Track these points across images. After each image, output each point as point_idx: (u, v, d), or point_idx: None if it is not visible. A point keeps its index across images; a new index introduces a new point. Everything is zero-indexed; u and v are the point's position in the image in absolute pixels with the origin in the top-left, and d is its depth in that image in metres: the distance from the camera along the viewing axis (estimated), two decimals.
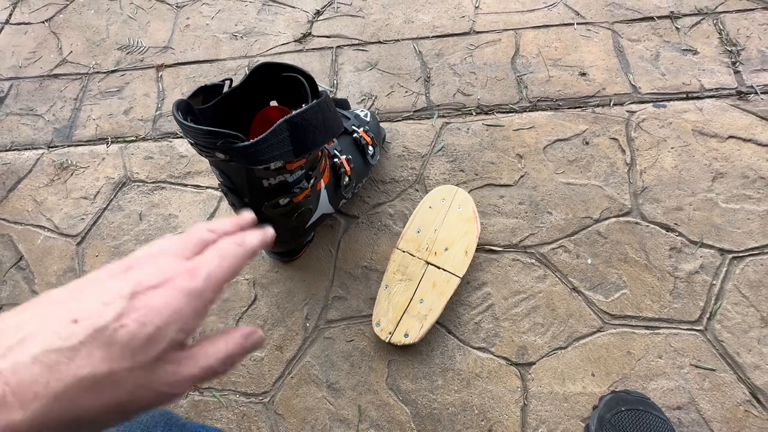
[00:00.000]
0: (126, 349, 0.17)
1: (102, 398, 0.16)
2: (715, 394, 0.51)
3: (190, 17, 0.90)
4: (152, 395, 0.18)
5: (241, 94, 0.46)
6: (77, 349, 0.16)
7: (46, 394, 0.15)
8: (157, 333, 0.18)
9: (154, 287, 0.18)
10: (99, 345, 0.16)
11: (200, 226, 0.23)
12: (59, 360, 0.15)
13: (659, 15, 0.77)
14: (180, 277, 0.19)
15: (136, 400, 0.17)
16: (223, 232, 0.23)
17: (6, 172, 0.77)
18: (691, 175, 0.63)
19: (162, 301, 0.18)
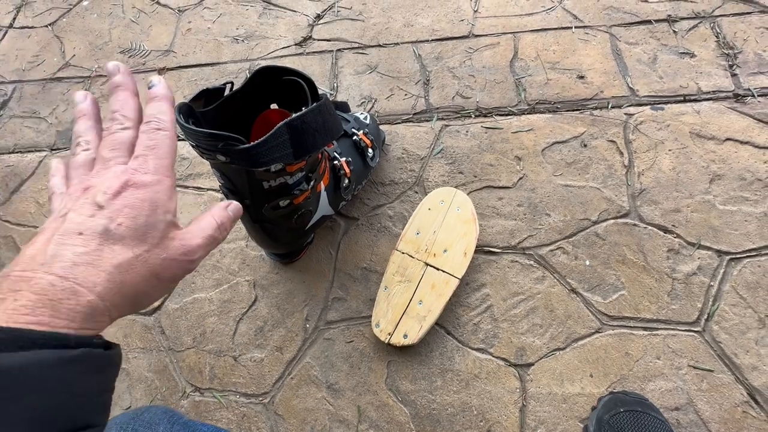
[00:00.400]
0: (134, 238, 0.21)
1: (140, 273, 0.22)
2: (713, 395, 0.52)
3: (192, 21, 0.91)
4: (176, 264, 0.23)
5: (242, 97, 0.47)
6: (100, 248, 0.20)
7: (101, 281, 0.20)
8: (148, 219, 0.22)
9: (119, 192, 0.22)
10: (112, 242, 0.21)
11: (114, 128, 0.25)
12: (92, 259, 0.20)
13: (656, 18, 0.77)
14: (135, 175, 0.23)
15: (167, 269, 0.23)
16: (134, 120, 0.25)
17: (9, 174, 0.78)
18: (688, 177, 0.64)
19: (135, 198, 0.22)
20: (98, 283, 0.20)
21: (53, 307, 0.18)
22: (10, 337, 0.16)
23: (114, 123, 0.25)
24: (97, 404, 0.19)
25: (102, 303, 0.20)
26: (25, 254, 0.20)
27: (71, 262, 0.19)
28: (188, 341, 0.61)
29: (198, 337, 0.61)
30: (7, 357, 0.16)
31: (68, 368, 0.17)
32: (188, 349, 0.61)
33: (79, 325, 0.19)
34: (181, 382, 0.59)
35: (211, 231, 0.25)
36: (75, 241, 0.20)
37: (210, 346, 0.60)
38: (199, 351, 0.60)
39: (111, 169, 0.23)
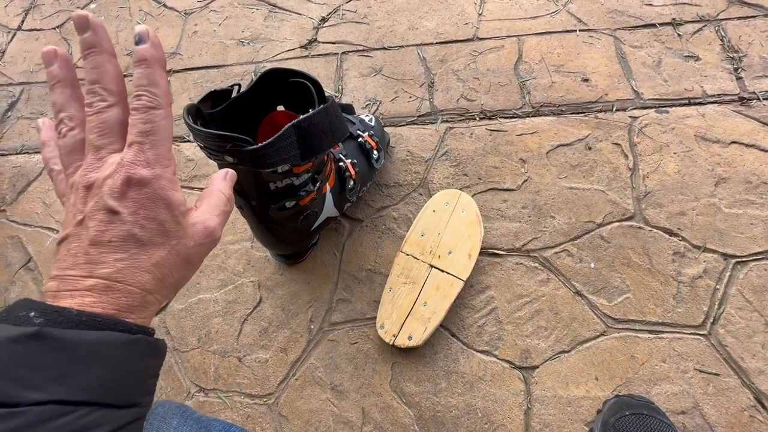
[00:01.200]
0: (161, 235, 0.22)
1: (176, 264, 0.23)
2: (720, 399, 0.51)
3: (198, 24, 0.92)
4: (203, 247, 0.24)
5: (249, 99, 0.47)
6: (136, 252, 0.22)
7: (147, 280, 0.22)
8: (166, 216, 0.22)
9: (123, 193, 0.22)
10: (143, 244, 0.22)
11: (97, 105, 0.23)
12: (133, 263, 0.21)
13: (661, 22, 0.77)
14: (134, 170, 0.22)
15: (197, 253, 0.24)
16: (118, 93, 0.23)
17: (16, 174, 0.79)
18: (693, 180, 0.64)
19: (144, 197, 0.22)
20: (145, 281, 0.22)
21: (114, 303, 0.21)
22: (89, 320, 0.19)
23: (95, 98, 0.22)
24: (146, 386, 0.21)
25: (152, 297, 0.22)
26: (68, 259, 0.21)
27: (115, 268, 0.21)
28: (193, 342, 0.61)
29: (203, 337, 0.61)
30: (86, 334, 0.19)
31: (129, 349, 0.20)
32: (193, 350, 0.61)
33: (137, 316, 0.21)
34: (186, 383, 0.59)
35: (224, 206, 0.26)
36: (108, 250, 0.21)
37: (215, 347, 0.61)
38: (204, 351, 0.61)
39: (106, 160, 0.22)
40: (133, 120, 0.22)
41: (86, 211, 0.22)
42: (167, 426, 0.34)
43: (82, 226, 0.22)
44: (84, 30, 0.22)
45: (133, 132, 0.22)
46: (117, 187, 0.21)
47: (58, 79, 0.24)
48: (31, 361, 0.18)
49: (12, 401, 0.17)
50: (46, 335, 0.18)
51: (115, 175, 0.21)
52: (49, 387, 0.17)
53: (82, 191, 0.22)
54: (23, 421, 0.16)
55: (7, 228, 0.74)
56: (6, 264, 0.71)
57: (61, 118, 0.24)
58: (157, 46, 0.23)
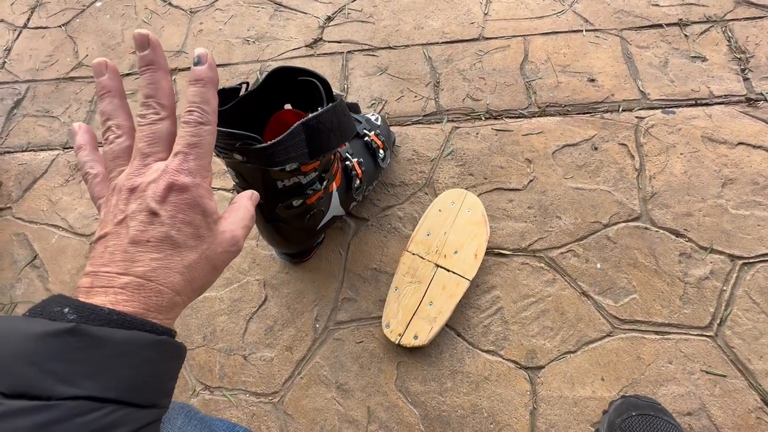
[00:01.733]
0: (194, 239, 0.24)
1: (204, 268, 0.24)
2: (726, 401, 0.51)
3: (204, 22, 0.92)
4: (229, 254, 0.26)
5: (257, 98, 0.47)
6: (170, 253, 0.23)
7: (177, 281, 0.23)
8: (201, 222, 0.24)
9: (165, 197, 0.23)
10: (177, 246, 0.23)
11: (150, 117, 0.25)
12: (167, 264, 0.23)
13: (668, 22, 0.77)
14: (177, 177, 0.23)
15: (222, 260, 0.25)
16: (170, 108, 0.25)
17: (22, 172, 0.79)
18: (700, 181, 0.63)
19: (183, 203, 0.23)
20: (176, 282, 0.23)
21: (144, 302, 0.21)
22: (119, 319, 0.20)
23: (149, 110, 0.24)
24: (166, 388, 0.22)
25: (179, 298, 0.23)
26: (104, 256, 0.22)
27: (150, 267, 0.22)
28: (198, 340, 0.61)
29: (208, 335, 0.62)
30: (116, 332, 0.19)
31: (154, 350, 0.21)
32: (198, 348, 0.61)
33: (163, 316, 0.22)
34: (191, 381, 0.59)
35: (248, 221, 0.28)
36: (146, 249, 0.22)
37: (220, 345, 0.61)
38: (210, 349, 0.61)
39: (151, 167, 0.24)
40: (182, 132, 0.24)
41: (128, 212, 0.23)
42: (171, 426, 0.34)
43: (123, 225, 0.23)
44: (144, 48, 0.24)
45: (181, 143, 0.24)
46: (160, 192, 0.23)
47: (108, 89, 0.25)
48: (66, 356, 0.18)
49: (45, 394, 0.17)
50: (82, 331, 0.18)
51: (159, 180, 0.23)
52: (80, 382, 0.18)
53: (125, 193, 0.23)
54: (54, 415, 0.17)
55: (13, 225, 0.74)
56: (12, 261, 0.71)
57: (109, 126, 0.25)
58: (213, 69, 0.25)
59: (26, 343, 0.18)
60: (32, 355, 0.18)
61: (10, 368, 0.17)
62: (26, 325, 0.18)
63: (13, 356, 0.18)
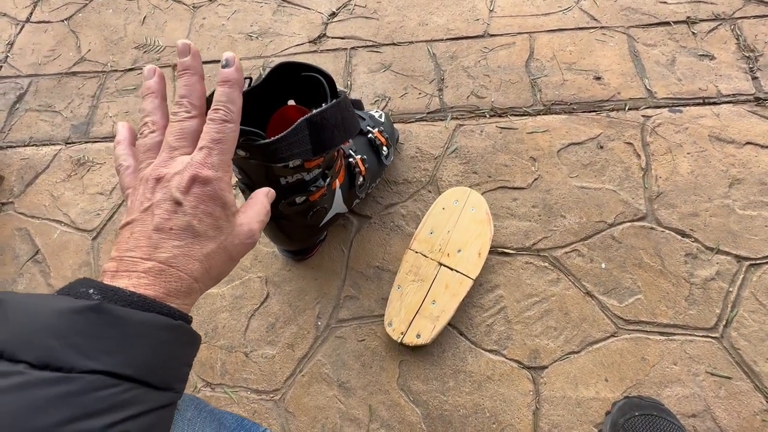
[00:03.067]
0: (214, 229, 0.25)
1: (222, 258, 0.26)
2: (732, 403, 0.51)
3: (207, 17, 0.91)
4: (245, 246, 0.27)
5: (260, 93, 0.47)
6: (191, 242, 0.24)
7: (196, 268, 0.24)
8: (221, 214, 0.26)
9: (189, 188, 0.25)
10: (198, 235, 0.25)
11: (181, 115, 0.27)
12: (188, 251, 0.24)
13: (675, 20, 0.76)
14: (201, 170, 0.25)
15: (239, 251, 0.27)
16: (201, 108, 0.27)
17: (24, 167, 0.79)
18: (707, 180, 0.63)
19: (205, 194, 0.25)
20: (195, 269, 0.24)
21: (164, 286, 0.23)
22: (138, 300, 0.21)
23: (181, 109, 0.26)
24: (181, 373, 0.23)
25: (197, 285, 0.25)
26: (130, 242, 0.24)
27: (172, 254, 0.23)
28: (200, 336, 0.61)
29: (210, 332, 0.61)
30: (135, 313, 0.20)
31: (171, 333, 0.22)
32: (200, 344, 0.61)
33: (181, 301, 0.23)
34: (193, 377, 0.59)
35: (264, 216, 0.29)
36: (169, 236, 0.24)
37: (221, 342, 0.61)
38: (211, 346, 0.60)
39: (177, 159, 0.25)
40: (207, 128, 0.26)
41: (154, 200, 0.24)
42: (182, 417, 0.34)
43: (148, 213, 0.24)
44: (185, 55, 0.27)
45: (206, 138, 0.25)
46: (184, 182, 0.24)
47: (152, 90, 0.28)
48: (88, 331, 0.19)
49: (68, 366, 0.18)
50: (104, 310, 0.20)
51: (184, 172, 0.25)
52: (100, 358, 0.19)
53: (152, 182, 0.25)
54: (75, 387, 0.18)
55: (15, 220, 0.74)
56: (14, 256, 0.71)
57: (146, 121, 0.28)
58: (239, 71, 0.27)
59: (52, 318, 0.19)
60: (57, 329, 0.19)
61: (37, 341, 0.18)
62: (53, 302, 0.20)
63: (40, 330, 0.19)
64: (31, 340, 0.18)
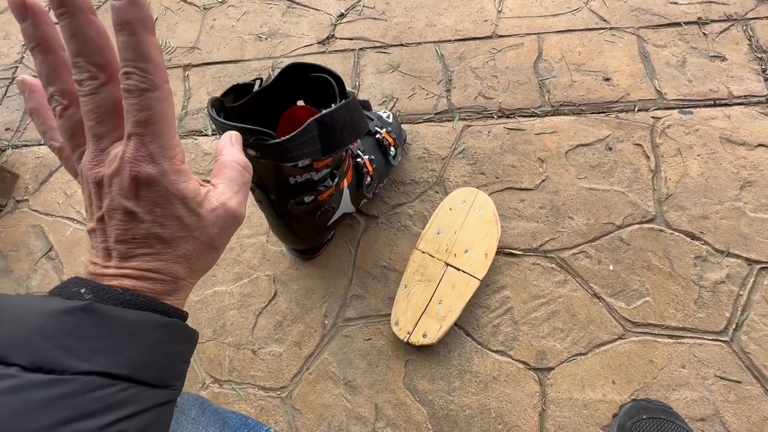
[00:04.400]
0: (182, 229, 0.22)
1: (202, 251, 0.23)
2: (741, 407, 0.50)
3: (217, 19, 0.93)
4: (227, 230, 0.24)
5: (270, 94, 0.48)
6: (161, 247, 0.22)
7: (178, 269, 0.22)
8: (182, 211, 0.22)
9: (135, 193, 0.21)
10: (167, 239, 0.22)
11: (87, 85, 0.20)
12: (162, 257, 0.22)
13: (686, 21, 0.76)
14: (138, 169, 0.20)
15: (221, 237, 0.24)
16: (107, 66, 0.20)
17: (39, 165, 0.80)
18: (717, 183, 0.62)
19: (156, 196, 0.21)
20: (176, 271, 0.22)
21: (151, 287, 0.21)
22: (132, 299, 0.20)
23: (83, 74, 0.19)
24: (178, 370, 0.22)
25: (184, 282, 0.23)
26: (100, 251, 0.22)
27: (145, 261, 0.21)
28: (208, 333, 0.62)
29: (218, 329, 0.62)
30: (128, 312, 0.19)
31: (165, 331, 0.21)
32: (208, 341, 0.61)
33: (174, 298, 0.22)
34: (201, 374, 0.60)
35: (241, 178, 0.24)
36: (136, 245, 0.21)
37: (230, 339, 0.61)
38: (219, 343, 0.61)
39: (109, 152, 0.21)
40: (127, 106, 0.19)
41: (104, 209, 0.21)
42: (185, 417, 0.35)
43: (104, 223, 0.21)
44: None
45: (130, 121, 0.19)
46: (126, 187, 0.20)
47: (36, 41, 0.20)
48: (80, 332, 0.18)
49: (60, 368, 0.17)
50: (95, 310, 0.19)
51: (122, 172, 0.20)
52: (93, 359, 0.18)
53: (93, 187, 0.21)
54: (69, 389, 0.17)
55: (30, 217, 0.75)
56: (28, 252, 0.72)
57: (51, 93, 0.21)
58: (139, 2, 0.18)
59: (43, 319, 0.18)
60: (48, 330, 0.18)
61: (29, 343, 0.18)
62: (44, 303, 0.19)
63: (31, 332, 0.18)
64: (22, 343, 0.18)
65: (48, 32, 0.20)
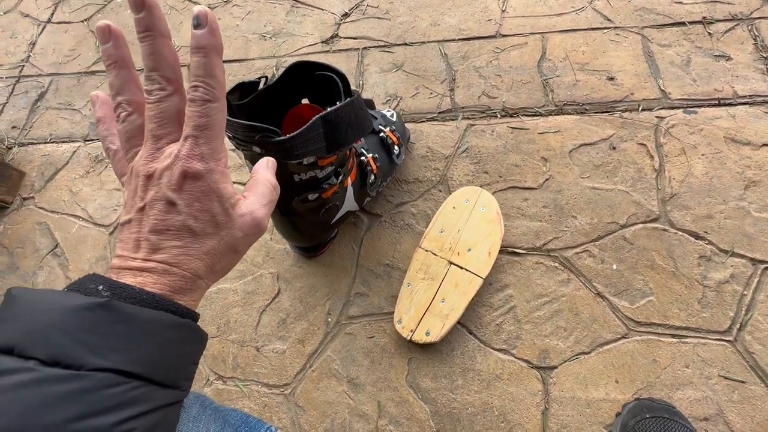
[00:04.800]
0: (212, 226, 0.24)
1: (224, 252, 0.24)
2: (745, 407, 0.50)
3: (221, 18, 0.93)
4: (250, 237, 0.26)
5: (275, 92, 0.48)
6: (189, 241, 0.23)
7: (199, 266, 0.23)
8: (217, 209, 0.24)
9: (180, 185, 0.23)
10: (197, 234, 0.23)
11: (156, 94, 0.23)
12: (187, 251, 0.23)
13: (691, 20, 0.75)
14: (190, 164, 0.23)
15: (244, 243, 0.25)
16: (176, 81, 0.24)
17: (45, 163, 0.81)
18: (722, 182, 0.62)
19: (198, 190, 0.23)
20: (197, 267, 0.23)
21: (169, 285, 0.22)
22: (147, 298, 0.21)
23: (153, 86, 0.23)
24: (187, 372, 0.22)
25: (202, 281, 0.24)
26: (129, 242, 0.23)
27: (172, 254, 0.23)
28: (212, 330, 0.62)
29: (222, 326, 0.62)
30: (144, 311, 0.20)
31: (178, 331, 0.21)
32: (212, 338, 0.62)
33: (188, 298, 0.23)
34: (205, 370, 0.60)
35: (270, 195, 0.27)
36: (166, 237, 0.23)
37: (233, 336, 0.62)
38: (223, 340, 0.62)
39: (164, 151, 0.23)
40: (189, 112, 0.23)
41: (147, 200, 0.23)
42: (187, 415, 0.35)
43: (143, 213, 0.23)
44: (139, 9, 0.22)
45: (190, 125, 0.23)
46: (174, 180, 0.22)
47: (114, 59, 0.24)
48: (98, 329, 0.19)
49: (77, 363, 0.18)
50: (114, 307, 0.19)
51: (173, 167, 0.22)
52: (110, 356, 0.19)
53: (142, 179, 0.23)
54: (85, 384, 0.18)
55: (36, 214, 0.76)
56: (34, 249, 0.73)
57: (119, 102, 0.24)
58: (215, 33, 0.22)
59: (62, 315, 0.19)
60: (67, 326, 0.19)
61: (48, 337, 0.18)
62: (63, 299, 0.19)
63: (50, 326, 0.18)
64: (41, 337, 0.18)
65: (124, 53, 0.24)
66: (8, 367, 0.18)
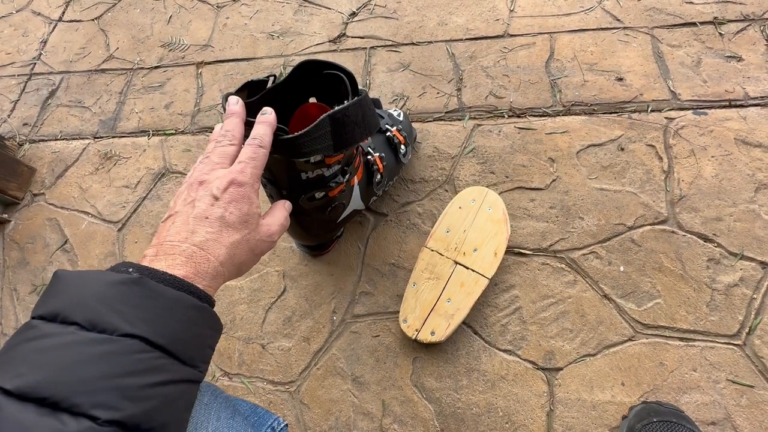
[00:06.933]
0: (240, 223, 0.31)
1: (244, 249, 0.31)
2: (753, 412, 0.50)
3: (230, 17, 0.94)
4: (265, 243, 0.33)
5: (283, 90, 0.48)
6: (220, 230, 0.29)
7: (222, 253, 0.29)
8: (248, 210, 0.31)
9: (226, 188, 0.31)
10: (227, 225, 0.30)
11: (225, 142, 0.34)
12: (217, 237, 0.29)
13: (702, 21, 0.75)
14: (238, 176, 0.31)
15: (259, 247, 0.33)
16: (239, 140, 0.35)
17: (55, 159, 0.82)
18: (732, 185, 0.61)
19: (238, 193, 0.31)
20: (221, 254, 0.29)
21: (194, 267, 0.27)
22: (171, 279, 0.25)
23: (225, 139, 0.34)
24: (205, 354, 0.25)
25: (222, 269, 0.29)
26: (171, 230, 0.29)
27: (204, 238, 0.28)
28: None
29: (228, 323, 0.63)
30: (169, 290, 0.24)
31: (197, 313, 0.25)
32: (221, 331, 0.62)
33: (207, 283, 0.27)
34: (211, 366, 0.61)
35: (283, 221, 0.36)
36: (204, 224, 0.29)
37: (239, 333, 0.62)
38: (229, 337, 0.62)
39: (216, 171, 0.32)
40: (245, 150, 0.33)
41: (196, 196, 0.30)
42: (198, 402, 0.35)
43: (191, 206, 0.30)
44: (235, 104, 0.36)
45: (243, 156, 0.33)
46: (223, 184, 0.31)
47: (236, 113, 0.36)
48: (131, 301, 0.22)
49: (111, 329, 0.21)
50: (144, 283, 0.23)
51: (224, 177, 0.31)
52: (139, 325, 0.22)
53: (196, 185, 0.31)
54: (116, 347, 0.21)
55: (46, 211, 0.77)
56: (44, 245, 0.74)
57: (227, 133, 0.35)
58: (275, 118, 0.37)
59: (101, 287, 0.23)
60: (105, 296, 0.22)
61: (88, 305, 0.22)
62: (102, 275, 0.24)
63: (91, 296, 0.22)
64: (82, 304, 0.22)
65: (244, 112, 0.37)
66: (51, 331, 0.21)
